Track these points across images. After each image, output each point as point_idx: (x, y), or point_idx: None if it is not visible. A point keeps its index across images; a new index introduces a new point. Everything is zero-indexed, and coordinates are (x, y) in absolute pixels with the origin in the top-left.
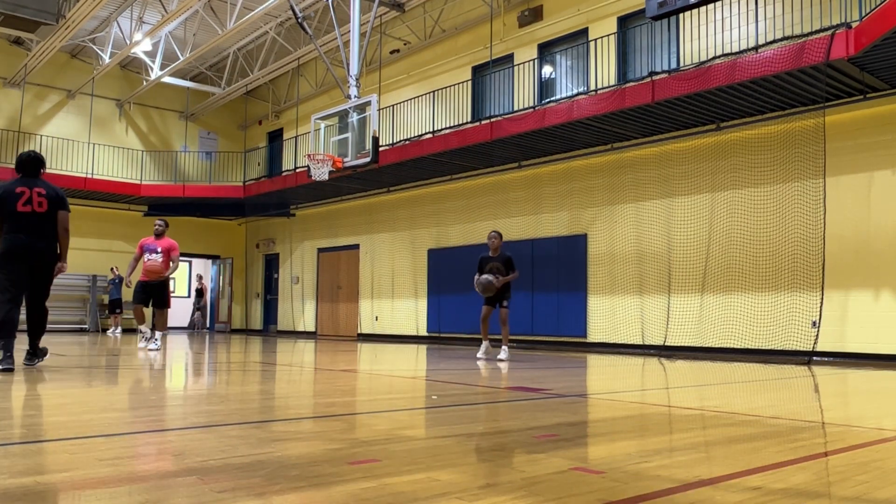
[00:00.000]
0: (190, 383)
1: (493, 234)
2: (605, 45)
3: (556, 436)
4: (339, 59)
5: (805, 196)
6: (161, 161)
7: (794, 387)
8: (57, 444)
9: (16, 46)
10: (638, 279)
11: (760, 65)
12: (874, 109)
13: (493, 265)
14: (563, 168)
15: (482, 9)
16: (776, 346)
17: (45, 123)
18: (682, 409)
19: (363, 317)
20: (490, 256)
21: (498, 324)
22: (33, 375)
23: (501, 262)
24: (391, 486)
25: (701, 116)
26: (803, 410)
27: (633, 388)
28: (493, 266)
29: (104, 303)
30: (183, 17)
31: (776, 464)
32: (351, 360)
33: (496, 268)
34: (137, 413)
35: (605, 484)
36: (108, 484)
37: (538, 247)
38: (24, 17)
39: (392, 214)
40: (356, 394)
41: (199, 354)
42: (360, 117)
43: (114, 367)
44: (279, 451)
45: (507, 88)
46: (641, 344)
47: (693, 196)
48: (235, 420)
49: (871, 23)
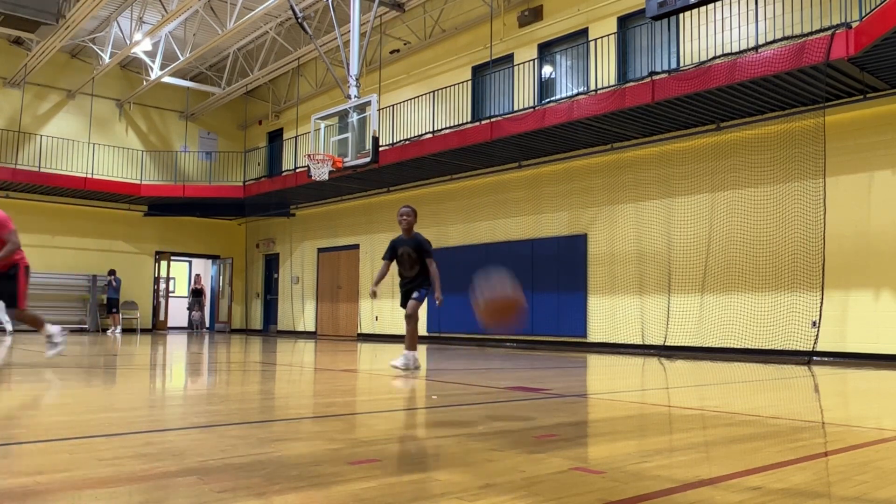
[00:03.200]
0: (190, 383)
1: (402, 211)
2: (605, 45)
3: (556, 436)
4: (339, 59)
5: (805, 196)
6: (161, 161)
7: (794, 387)
8: (57, 444)
9: (16, 46)
10: (638, 279)
11: (760, 65)
12: (874, 109)
13: (403, 251)
14: (563, 168)
15: (482, 9)
16: (776, 346)
17: (45, 123)
18: (682, 409)
19: (363, 317)
20: (402, 239)
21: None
22: (33, 375)
23: (412, 246)
24: (391, 486)
25: (701, 116)
26: (803, 410)
27: (633, 388)
28: (403, 252)
29: (104, 303)
30: (183, 17)
31: (776, 464)
32: (351, 360)
33: (406, 254)
34: (137, 413)
35: (605, 484)
36: (108, 484)
37: (538, 247)
38: (24, 17)
39: (392, 214)
40: (356, 394)
41: (199, 354)
42: (360, 117)
43: (113, 366)
44: (279, 451)
45: (507, 88)
46: (641, 344)
47: (693, 196)
48: (235, 420)
49: (871, 23)
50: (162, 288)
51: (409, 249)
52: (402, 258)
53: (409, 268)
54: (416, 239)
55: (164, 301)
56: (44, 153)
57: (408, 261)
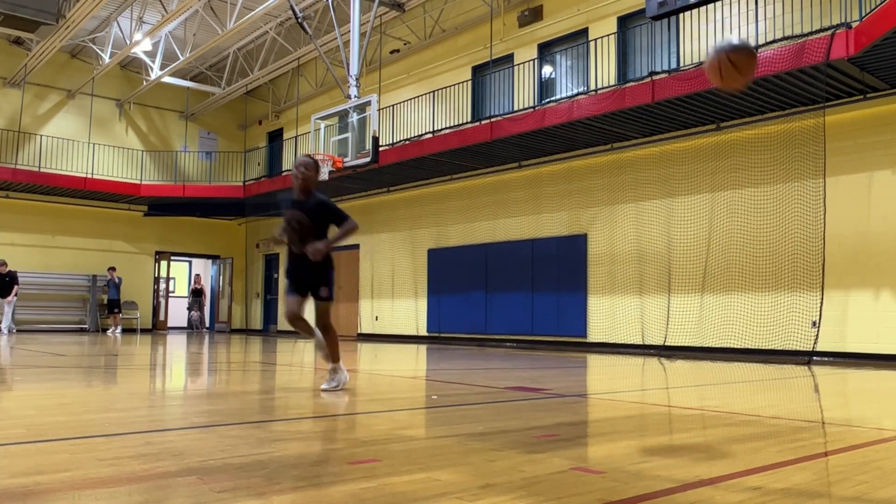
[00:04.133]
0: (190, 384)
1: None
2: (605, 45)
3: (556, 436)
4: (339, 59)
5: (805, 196)
6: (161, 161)
7: (794, 387)
8: (57, 444)
9: (16, 46)
10: (638, 279)
11: (760, 65)
12: (874, 109)
13: (292, 216)
14: (563, 168)
15: (482, 9)
16: (776, 346)
17: (45, 123)
18: (682, 409)
19: (363, 317)
20: (296, 199)
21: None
22: (33, 375)
23: (310, 209)
24: (391, 486)
25: (701, 116)
26: (803, 410)
27: (633, 388)
28: (292, 218)
29: (104, 303)
30: (183, 17)
31: (776, 464)
32: (351, 360)
33: (297, 221)
34: (137, 413)
35: (605, 484)
36: (108, 484)
37: (538, 247)
38: (24, 17)
39: (392, 214)
40: (356, 394)
41: (199, 355)
42: (360, 117)
43: (113, 366)
44: (279, 451)
45: (507, 88)
46: (641, 344)
47: (693, 196)
48: (235, 420)
49: (871, 23)
50: (162, 288)
51: (302, 216)
52: (290, 226)
53: (298, 241)
54: (316, 199)
55: (164, 301)
56: (44, 153)
57: (299, 231)
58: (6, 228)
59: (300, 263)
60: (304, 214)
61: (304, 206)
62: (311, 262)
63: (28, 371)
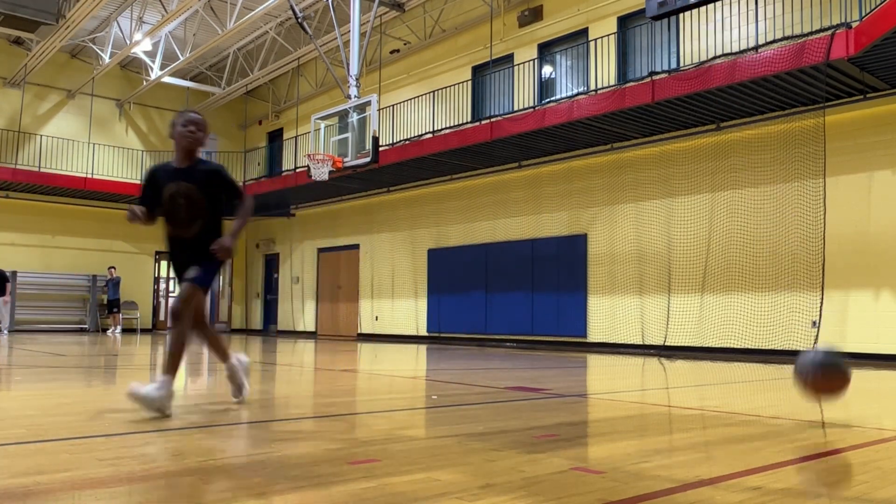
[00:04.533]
0: (190, 383)
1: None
2: (605, 45)
3: (556, 436)
4: (339, 59)
5: (805, 196)
6: (161, 161)
7: (794, 387)
8: (57, 444)
9: (16, 46)
10: (638, 279)
11: (760, 65)
12: (874, 109)
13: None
14: (563, 168)
15: (482, 9)
16: (776, 346)
17: (45, 123)
18: (682, 409)
19: (363, 317)
20: (177, 168)
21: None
22: (34, 375)
23: (200, 180)
24: (391, 486)
25: (701, 116)
26: (803, 410)
27: (633, 388)
28: (176, 192)
29: (104, 303)
30: (183, 17)
31: (776, 464)
32: (351, 360)
33: (182, 196)
34: (137, 413)
35: (605, 484)
36: (108, 484)
37: (538, 247)
38: (24, 17)
39: (392, 214)
40: (356, 394)
41: (199, 354)
42: (360, 117)
43: (113, 366)
44: (279, 451)
45: (507, 88)
46: (641, 344)
47: (693, 196)
48: (235, 420)
49: (871, 23)
50: (162, 288)
51: (190, 187)
52: (173, 202)
53: (186, 221)
54: (206, 167)
55: (165, 301)
56: (44, 153)
57: (185, 208)
58: (6, 228)
59: (184, 247)
60: (193, 186)
61: (190, 175)
62: (193, 245)
63: (28, 371)
